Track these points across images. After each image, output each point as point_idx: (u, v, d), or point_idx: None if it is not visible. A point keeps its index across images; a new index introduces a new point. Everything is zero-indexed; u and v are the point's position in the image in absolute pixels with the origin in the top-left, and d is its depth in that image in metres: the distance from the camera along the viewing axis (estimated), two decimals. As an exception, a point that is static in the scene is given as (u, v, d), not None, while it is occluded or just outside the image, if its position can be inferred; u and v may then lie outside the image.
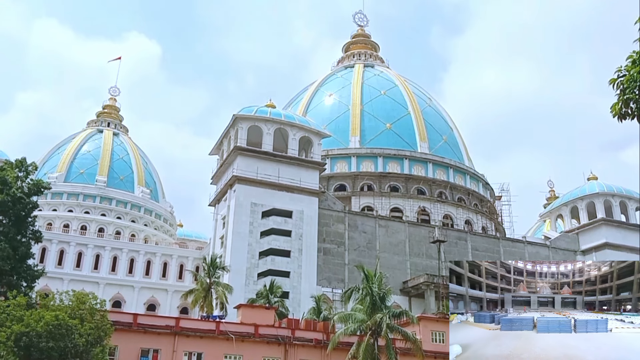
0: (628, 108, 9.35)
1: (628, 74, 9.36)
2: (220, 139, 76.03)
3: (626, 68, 9.49)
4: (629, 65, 9.42)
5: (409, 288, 70.06)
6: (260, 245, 65.31)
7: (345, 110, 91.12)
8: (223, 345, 42.13)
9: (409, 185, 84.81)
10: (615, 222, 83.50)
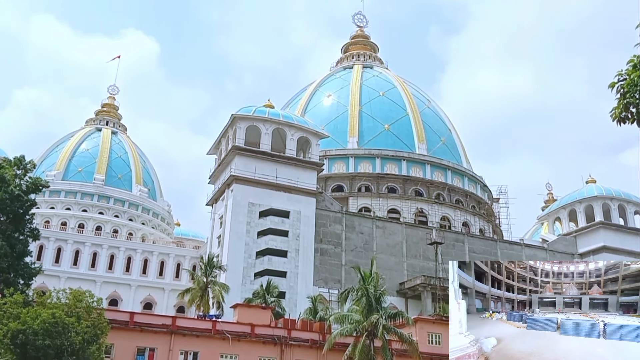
0: (628, 112, 9.39)
1: (628, 78, 9.38)
2: (219, 139, 76.01)
3: (627, 72, 9.52)
4: (630, 70, 9.44)
5: (406, 289, 70.10)
6: (257, 245, 65.30)
7: (343, 111, 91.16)
8: (219, 344, 42.11)
9: (407, 187, 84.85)
10: (613, 225, 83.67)
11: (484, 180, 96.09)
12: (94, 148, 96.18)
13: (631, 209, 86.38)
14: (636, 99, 9.15)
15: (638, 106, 9.18)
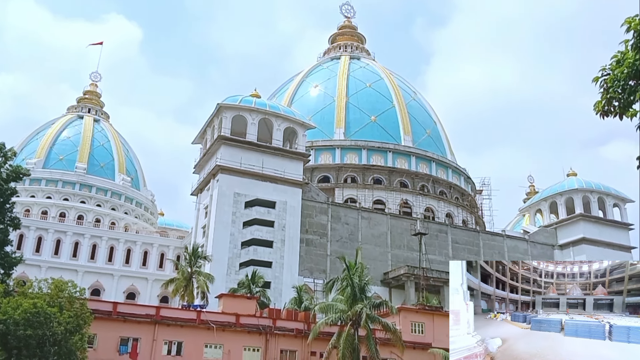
0: (611, 106, 9.62)
1: (612, 74, 9.59)
2: (204, 128, 75.61)
3: (610, 67, 9.71)
4: (613, 65, 9.65)
5: (390, 279, 70.68)
6: (242, 235, 65.29)
7: (330, 102, 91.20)
8: (204, 334, 42.16)
9: (392, 178, 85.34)
10: (593, 217, 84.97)
11: (468, 172, 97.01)
12: (75, 136, 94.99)
13: (610, 201, 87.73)
14: (619, 93, 9.38)
15: (620, 101, 9.42)
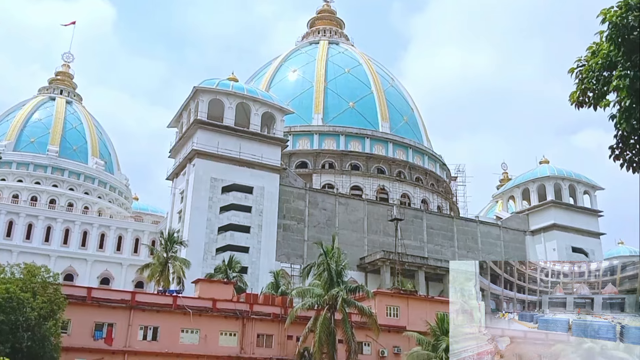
0: (585, 97, 9.82)
1: (587, 65, 9.78)
2: (180, 112, 74.80)
3: (586, 58, 9.89)
4: (589, 56, 9.82)
5: (366, 264, 71.37)
6: (219, 220, 65.08)
7: (308, 87, 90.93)
8: (180, 319, 42.15)
9: (370, 164, 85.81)
10: (563, 204, 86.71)
11: (443, 159, 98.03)
12: (47, 118, 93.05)
13: (581, 188, 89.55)
14: (593, 84, 9.59)
15: (595, 91, 9.63)
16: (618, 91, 8.92)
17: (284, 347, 44.66)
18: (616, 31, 8.83)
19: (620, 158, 9.46)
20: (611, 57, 9.11)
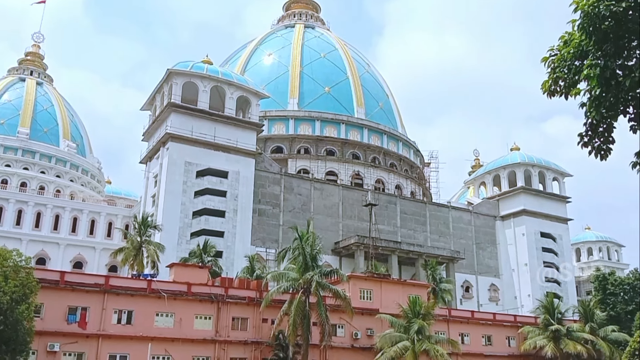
0: (557, 86, 9.94)
1: (559, 54, 9.89)
2: (153, 94, 73.85)
3: (558, 48, 10.05)
4: (561, 45, 9.97)
5: (340, 248, 72.01)
6: (194, 205, 64.78)
7: (284, 71, 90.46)
8: (155, 303, 42.04)
9: (345, 150, 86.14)
10: (533, 190, 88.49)
11: (417, 145, 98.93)
12: (17, 99, 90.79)
13: (550, 175, 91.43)
14: (565, 73, 9.72)
15: (566, 80, 9.78)
16: (588, 80, 9.10)
17: (259, 330, 44.99)
18: (588, 20, 8.94)
19: (589, 145, 9.65)
20: (583, 46, 9.26)
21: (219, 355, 43.08)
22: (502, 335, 56.33)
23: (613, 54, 8.75)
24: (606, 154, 9.60)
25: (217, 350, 43.19)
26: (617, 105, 9.05)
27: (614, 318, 54.93)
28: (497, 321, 57.47)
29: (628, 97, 8.92)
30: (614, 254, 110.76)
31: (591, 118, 9.38)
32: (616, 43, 8.67)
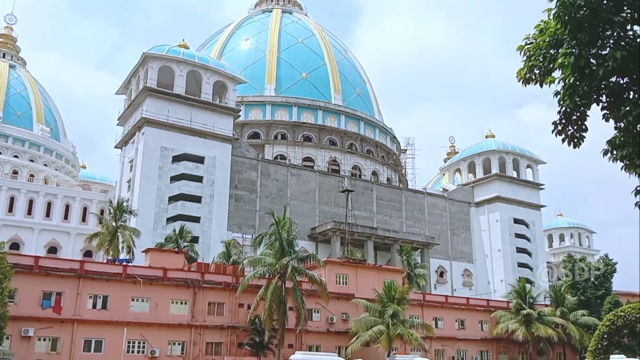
0: (532, 74, 10.04)
1: (535, 42, 10.01)
2: (128, 78, 72.76)
3: (534, 36, 10.19)
4: (537, 34, 10.11)
5: (317, 234, 72.33)
6: (170, 190, 64.31)
7: (261, 57, 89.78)
8: (130, 288, 41.89)
9: (322, 136, 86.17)
10: (507, 177, 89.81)
11: (394, 132, 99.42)
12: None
13: (524, 162, 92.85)
14: (540, 61, 9.82)
15: (541, 68, 9.89)
16: (563, 68, 9.22)
17: (235, 314, 45.16)
18: (563, 9, 9.01)
19: (563, 133, 9.75)
20: (558, 35, 9.39)
21: (195, 340, 43.19)
22: (475, 320, 57.42)
23: (587, 42, 8.88)
24: (579, 141, 9.71)
25: (193, 334, 43.30)
26: (590, 93, 9.17)
27: (584, 303, 56.14)
28: (470, 306, 58.52)
29: (601, 86, 9.05)
30: (585, 240, 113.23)
31: (565, 106, 9.48)
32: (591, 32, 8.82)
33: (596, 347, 15.56)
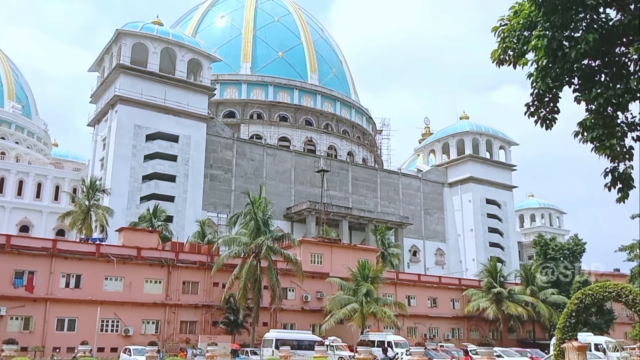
0: (506, 55, 10.10)
1: (509, 24, 10.08)
2: (102, 55, 71.27)
3: (508, 18, 10.27)
4: (511, 16, 10.18)
5: (292, 214, 72.52)
6: (143, 169, 63.61)
7: (237, 35, 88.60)
8: (104, 267, 41.70)
9: (298, 116, 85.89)
10: (480, 158, 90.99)
11: (369, 112, 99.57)
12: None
13: (497, 144, 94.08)
14: (514, 43, 9.89)
15: (515, 50, 9.96)
16: (536, 51, 9.32)
17: (210, 293, 45.31)
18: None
19: (535, 115, 9.88)
20: (532, 17, 9.47)
21: (170, 319, 43.28)
22: (447, 298, 58.53)
23: (560, 25, 8.97)
24: (551, 123, 9.83)
25: (168, 313, 43.36)
26: (562, 76, 9.24)
27: (554, 282, 57.21)
28: (442, 284, 59.60)
29: (573, 68, 9.14)
30: (555, 221, 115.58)
31: (537, 88, 9.57)
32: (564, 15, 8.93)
33: (564, 324, 16.06)
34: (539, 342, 53.03)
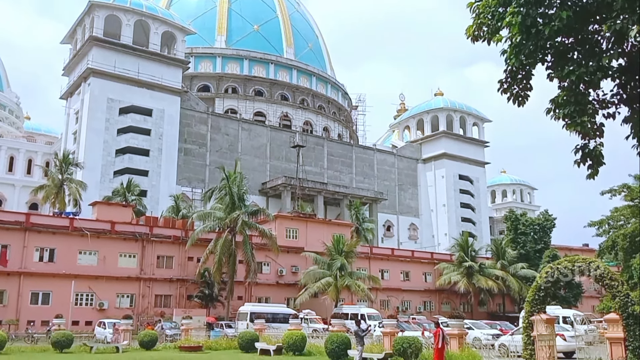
0: (481, 31, 10.16)
1: (484, 0, 10.15)
2: (74, 27, 69.50)
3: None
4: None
5: (268, 189, 72.58)
6: (117, 142, 62.78)
7: (212, 7, 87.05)
8: (77, 241, 41.55)
9: (274, 90, 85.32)
10: (454, 135, 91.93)
11: (345, 88, 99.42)
12: None
13: (471, 120, 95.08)
14: (489, 19, 9.96)
15: (489, 26, 10.03)
16: (510, 27, 9.42)
17: (185, 268, 45.49)
18: None
19: (508, 92, 9.99)
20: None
21: (144, 292, 43.44)
22: (420, 271, 59.68)
23: (535, 2, 9.05)
24: (524, 100, 9.96)
25: (142, 287, 43.51)
26: (536, 53, 9.33)
27: (524, 256, 58.59)
28: (415, 258, 60.69)
29: (547, 46, 9.25)
30: (526, 196, 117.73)
31: (511, 65, 9.64)
32: (538, -9, 9.05)
33: (533, 297, 16.57)
34: (509, 315, 54.55)
